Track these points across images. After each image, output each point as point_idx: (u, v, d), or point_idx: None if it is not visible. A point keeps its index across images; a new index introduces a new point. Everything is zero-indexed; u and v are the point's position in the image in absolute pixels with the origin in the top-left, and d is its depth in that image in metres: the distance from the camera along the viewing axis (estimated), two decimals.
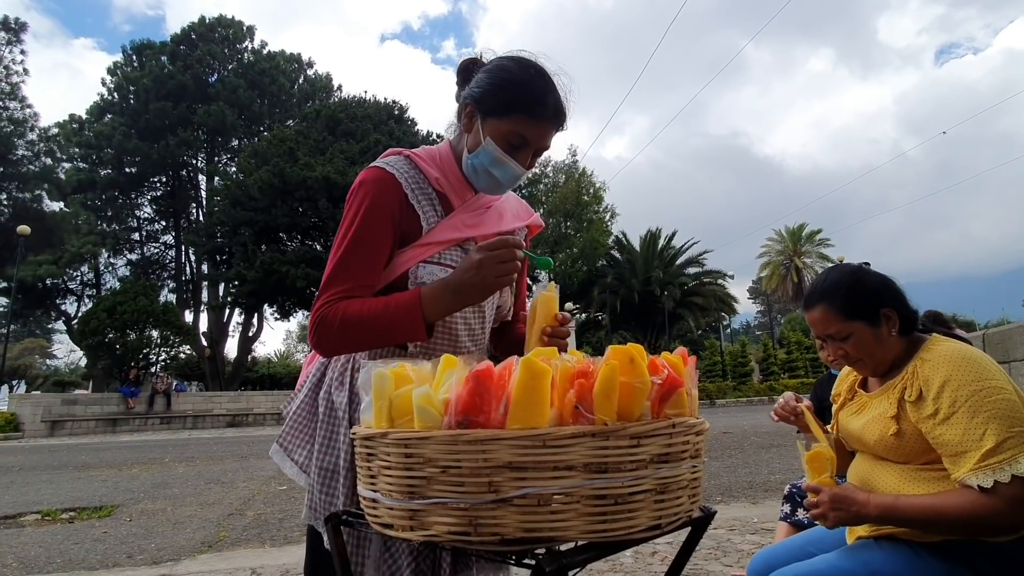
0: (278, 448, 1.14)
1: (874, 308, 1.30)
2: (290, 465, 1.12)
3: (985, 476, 1.10)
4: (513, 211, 1.24)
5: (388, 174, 1.08)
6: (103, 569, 3.25)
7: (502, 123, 1.04)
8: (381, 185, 1.07)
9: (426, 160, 1.13)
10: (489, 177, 1.08)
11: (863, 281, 1.34)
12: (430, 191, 1.12)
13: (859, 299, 1.31)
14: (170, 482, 6.22)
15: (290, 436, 1.13)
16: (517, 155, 1.06)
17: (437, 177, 1.12)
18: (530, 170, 1.11)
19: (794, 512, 2.33)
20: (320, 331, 1.00)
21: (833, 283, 1.35)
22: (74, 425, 15.59)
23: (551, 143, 1.10)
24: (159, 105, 26.35)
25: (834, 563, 1.31)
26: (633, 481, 0.70)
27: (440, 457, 0.69)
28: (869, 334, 1.30)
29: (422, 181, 1.11)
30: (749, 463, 6.25)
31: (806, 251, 39.07)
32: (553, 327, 1.04)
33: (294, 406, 1.15)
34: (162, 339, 20.36)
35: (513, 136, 1.05)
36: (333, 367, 1.11)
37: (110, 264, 29.50)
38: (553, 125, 1.08)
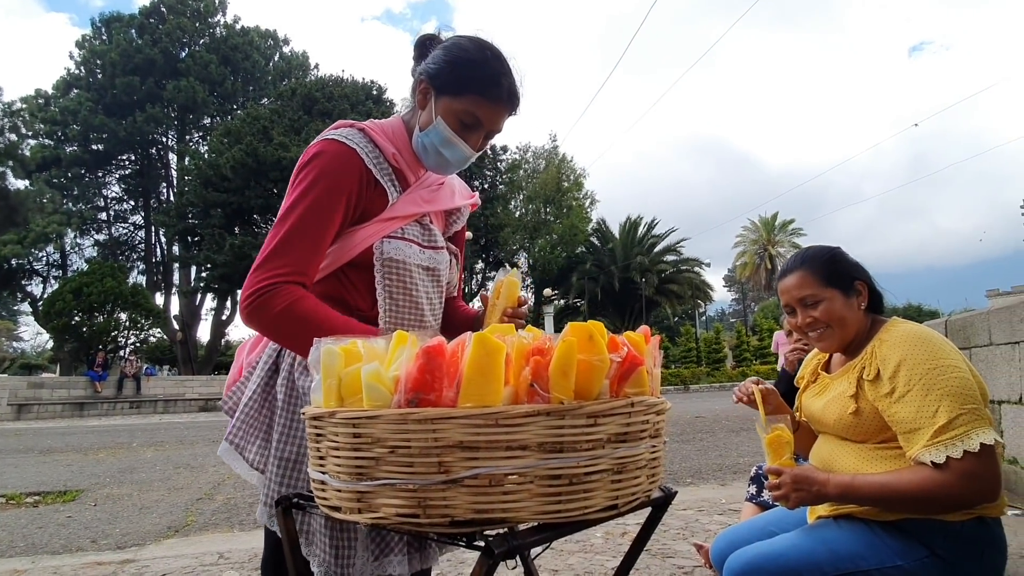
0: (228, 446, 1.05)
1: (850, 279, 1.36)
2: (240, 463, 1.04)
3: (938, 452, 1.12)
4: (460, 189, 1.24)
5: (349, 148, 1.03)
6: (67, 553, 3.17)
7: (456, 102, 1.03)
8: (340, 160, 1.02)
9: (380, 134, 1.09)
10: (438, 156, 1.07)
11: (842, 255, 1.42)
12: (388, 167, 1.08)
13: (838, 268, 1.37)
14: (137, 467, 6.09)
15: (242, 431, 1.04)
16: (469, 135, 1.05)
17: (393, 152, 1.09)
18: (480, 152, 1.10)
19: (760, 493, 2.37)
20: (260, 303, 0.94)
21: (815, 253, 1.42)
22: (40, 409, 15.17)
23: (503, 127, 1.09)
24: (126, 80, 25.38)
25: (794, 541, 1.33)
26: (589, 461, 0.68)
27: (389, 437, 0.67)
28: (841, 302, 1.34)
29: (380, 156, 1.08)
30: (719, 446, 6.38)
31: (780, 240, 39.81)
32: (514, 308, 1.05)
33: (243, 398, 1.07)
34: (131, 322, 19.83)
35: (466, 116, 1.04)
36: (291, 354, 1.04)
37: (77, 244, 28.55)
38: (507, 108, 1.07)
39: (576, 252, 30.16)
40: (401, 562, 0.98)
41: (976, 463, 1.10)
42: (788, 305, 1.43)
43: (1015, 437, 2.48)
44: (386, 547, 0.98)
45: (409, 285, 1.06)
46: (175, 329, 25.40)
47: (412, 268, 1.06)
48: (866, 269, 1.43)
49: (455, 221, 1.25)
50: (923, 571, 1.19)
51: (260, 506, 1.02)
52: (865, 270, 1.41)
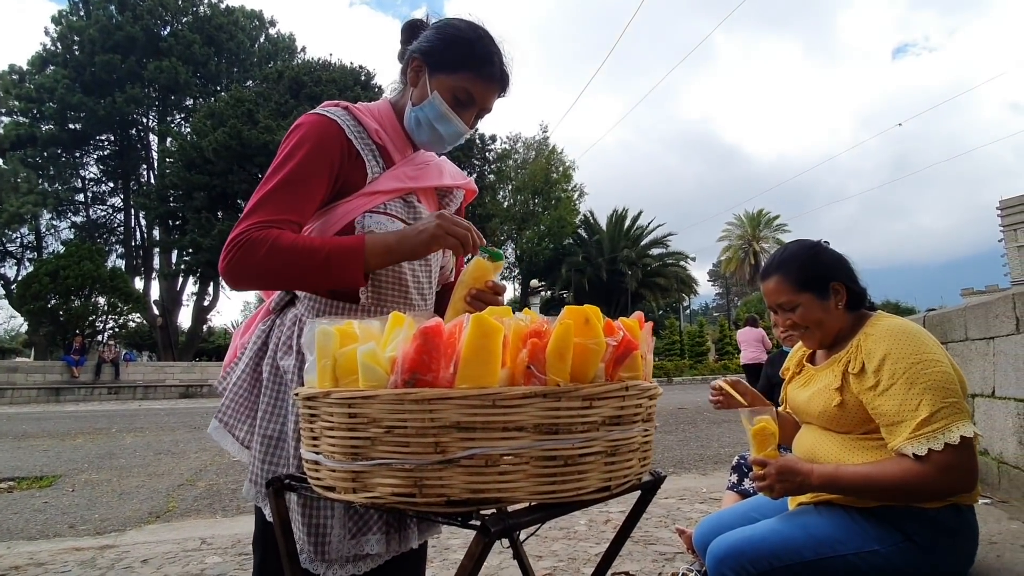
0: (218, 424, 1.07)
1: (824, 281, 1.36)
2: (231, 441, 1.06)
3: (920, 445, 1.14)
4: (451, 171, 1.24)
5: (331, 120, 1.05)
6: (43, 539, 3.13)
7: (450, 78, 1.06)
8: (322, 130, 1.03)
9: (364, 112, 1.11)
10: (432, 131, 1.09)
11: (818, 256, 1.41)
12: (370, 143, 1.09)
13: (811, 272, 1.37)
14: (117, 452, 6.01)
15: (231, 410, 1.07)
16: (462, 112, 1.08)
17: (376, 129, 1.10)
18: (472, 130, 1.12)
19: (740, 482, 2.42)
20: (239, 255, 0.92)
21: (791, 255, 1.42)
22: (15, 394, 14.85)
23: (493, 107, 1.12)
24: (106, 58, 24.65)
25: (775, 527, 1.36)
26: (584, 443, 0.69)
27: (385, 417, 0.67)
28: (817, 305, 1.35)
29: (362, 132, 1.09)
30: (701, 437, 6.48)
31: (764, 236, 40.26)
32: (480, 290, 1.02)
33: (233, 378, 1.08)
34: (109, 306, 19.44)
35: (460, 92, 1.06)
36: (278, 332, 1.06)
37: (52, 226, 27.79)
38: (498, 86, 1.10)
39: (564, 244, 30.22)
40: (379, 541, 0.97)
41: (955, 455, 1.13)
42: (770, 307, 1.46)
43: (987, 429, 2.56)
44: (364, 525, 0.97)
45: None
46: (155, 314, 24.96)
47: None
48: (848, 263, 1.42)
49: (448, 203, 1.24)
50: (899, 555, 1.22)
51: (247, 483, 1.02)
52: (845, 267, 1.41)
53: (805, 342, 1.46)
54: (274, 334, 1.06)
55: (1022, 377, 2.22)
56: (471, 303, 1.01)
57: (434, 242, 0.95)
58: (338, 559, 0.95)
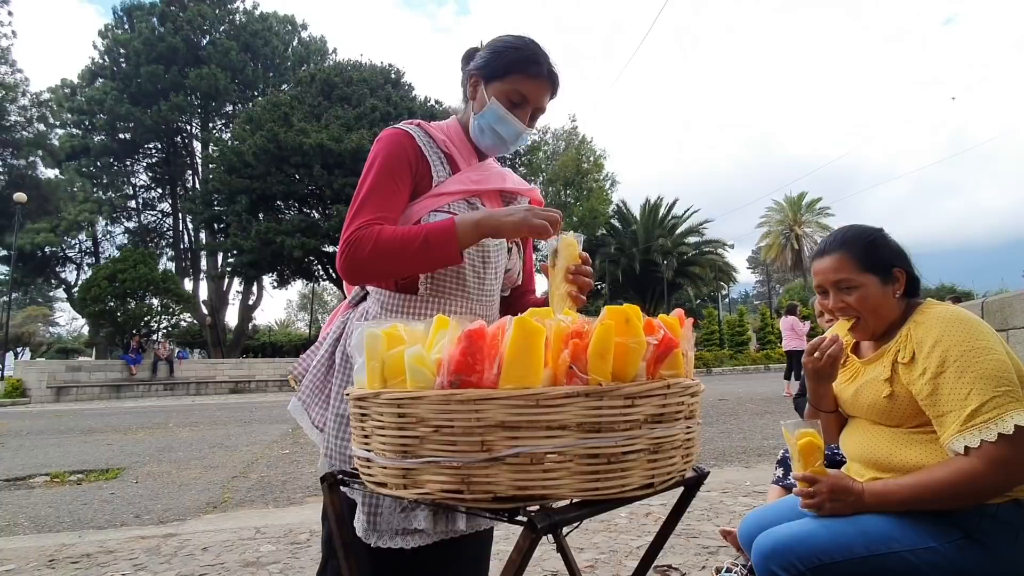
0: (298, 403, 1.20)
1: (888, 265, 1.33)
2: (306, 419, 1.19)
3: (972, 436, 1.10)
4: (515, 179, 1.32)
5: (404, 131, 1.19)
6: (111, 528, 3.33)
7: (503, 83, 1.17)
8: (397, 138, 1.18)
9: (434, 128, 1.24)
10: (494, 134, 1.19)
11: (883, 238, 1.38)
12: (439, 151, 1.21)
13: (877, 253, 1.34)
14: (174, 446, 6.33)
15: (309, 391, 1.19)
16: (518, 112, 1.18)
17: (444, 140, 1.22)
18: (531, 129, 1.21)
19: (786, 476, 2.37)
20: (351, 253, 1.05)
21: (856, 235, 1.38)
22: (79, 391, 15.78)
23: (547, 105, 1.22)
24: (150, 69, 25.73)
25: (824, 523, 1.32)
26: (626, 441, 0.70)
27: (433, 417, 0.69)
28: (878, 289, 1.31)
29: (432, 142, 1.21)
30: (743, 429, 6.35)
31: (806, 220, 38.84)
32: (577, 265, 1.09)
33: (313, 361, 1.21)
34: (162, 307, 20.41)
35: (513, 94, 1.17)
36: (351, 323, 1.18)
37: (108, 232, 29.35)
38: (548, 85, 1.20)
39: (597, 235, 29.91)
40: (427, 517, 1.03)
41: (1010, 447, 1.08)
42: (821, 286, 1.39)
43: None
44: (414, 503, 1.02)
45: None
46: (204, 314, 26.06)
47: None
48: (907, 254, 1.39)
49: None
50: (957, 553, 1.18)
51: (321, 458, 1.15)
52: (906, 255, 1.37)
53: (856, 332, 1.40)
54: (348, 325, 1.19)
55: None
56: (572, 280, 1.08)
57: (524, 224, 1.01)
58: (388, 531, 1.03)
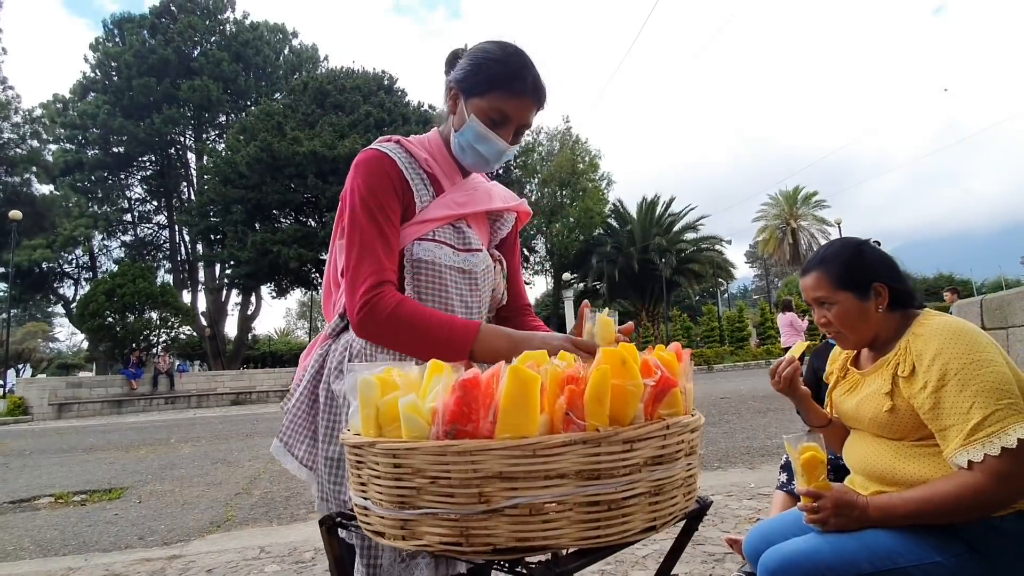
0: (279, 444, 1.15)
1: (866, 281, 1.32)
2: (291, 460, 1.13)
3: (975, 451, 1.09)
4: (502, 195, 1.26)
5: (382, 153, 1.12)
6: (116, 551, 3.32)
7: (483, 101, 1.09)
8: (380, 164, 1.10)
9: (414, 144, 1.17)
10: (475, 153, 1.13)
11: (862, 254, 1.36)
12: (421, 171, 1.15)
13: (854, 270, 1.33)
14: (177, 463, 6.31)
15: (290, 431, 1.14)
16: (499, 131, 1.11)
17: (426, 159, 1.15)
18: (515, 146, 1.14)
19: (790, 481, 2.36)
20: (366, 316, 1.02)
21: (834, 252, 1.38)
22: (80, 407, 15.75)
23: (532, 121, 1.15)
24: (142, 81, 25.73)
25: (830, 539, 1.31)
26: (627, 486, 0.69)
27: (429, 468, 0.68)
28: (855, 306, 1.32)
29: (414, 163, 1.14)
30: (746, 428, 6.34)
31: (802, 214, 38.88)
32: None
33: (293, 400, 1.15)
34: (161, 320, 20.39)
35: (494, 112, 1.09)
36: (331, 357, 1.11)
37: (104, 247, 29.33)
38: (532, 101, 1.11)
39: (594, 235, 29.93)
40: (428, 565, 1.01)
41: (1012, 460, 1.07)
42: (807, 301, 1.42)
43: None
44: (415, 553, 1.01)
45: (439, 286, 1.08)
46: (203, 325, 26.02)
47: (443, 269, 1.09)
48: (895, 263, 1.37)
49: (500, 227, 1.26)
50: (962, 567, 1.17)
51: (318, 500, 1.10)
52: (891, 267, 1.35)
53: (839, 343, 1.42)
54: (328, 359, 1.12)
55: None
56: None
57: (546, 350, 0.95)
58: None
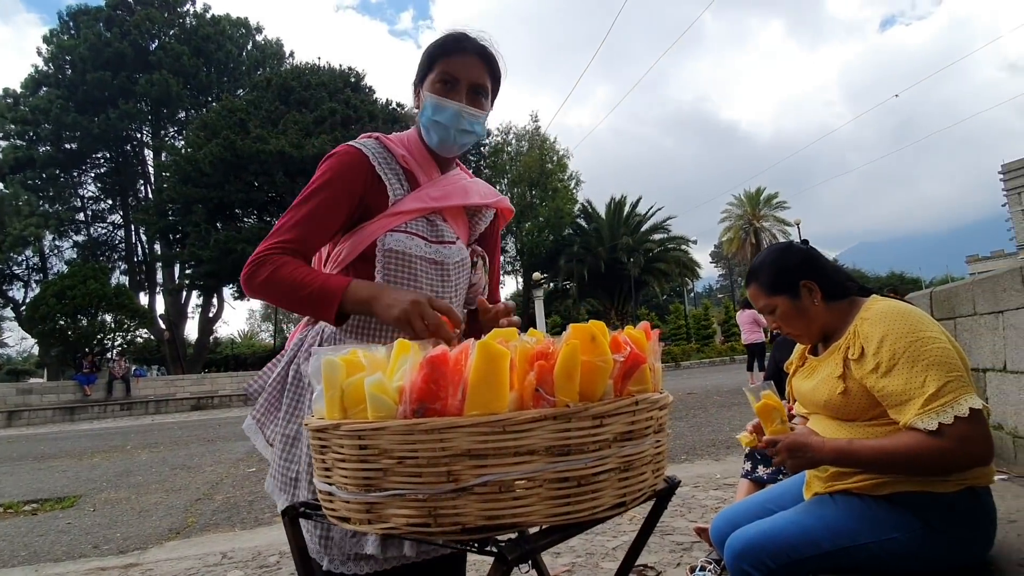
0: (251, 422, 1.15)
1: (794, 282, 1.39)
2: (260, 438, 1.14)
3: (930, 419, 1.14)
4: (480, 191, 1.26)
5: (356, 149, 1.13)
6: (69, 560, 3.17)
7: (432, 75, 1.13)
8: (348, 159, 1.12)
9: (394, 141, 1.18)
10: (437, 127, 1.13)
11: (787, 258, 1.44)
12: (397, 167, 1.16)
13: (779, 275, 1.41)
14: (133, 470, 6.06)
15: (263, 409, 1.14)
16: (451, 93, 1.12)
17: (403, 155, 1.16)
18: (476, 110, 1.13)
19: (755, 469, 2.42)
20: (250, 273, 1.04)
21: (760, 261, 1.47)
22: (31, 415, 14.99)
23: (488, 83, 1.15)
24: (97, 75, 24.65)
25: (792, 519, 1.36)
26: (596, 462, 0.69)
27: (396, 448, 0.66)
28: (790, 306, 1.39)
29: (389, 158, 1.15)
30: (712, 422, 6.48)
31: (764, 215, 40.05)
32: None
33: (269, 378, 1.15)
34: (116, 323, 19.52)
35: (441, 79, 1.12)
36: (307, 342, 1.12)
37: (56, 247, 27.92)
38: (478, 59, 1.13)
39: (563, 234, 30.12)
40: (375, 543, 0.98)
41: (968, 427, 1.12)
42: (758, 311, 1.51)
43: (1000, 404, 2.55)
44: None
45: (408, 275, 1.10)
46: (162, 329, 25.07)
47: (414, 260, 1.10)
48: (818, 258, 1.44)
49: (477, 223, 1.27)
50: (917, 542, 1.22)
51: (268, 477, 1.10)
52: (815, 263, 1.41)
53: (796, 340, 1.50)
54: (307, 340, 1.13)
55: None
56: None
57: (397, 324, 0.95)
58: (339, 555, 1.00)
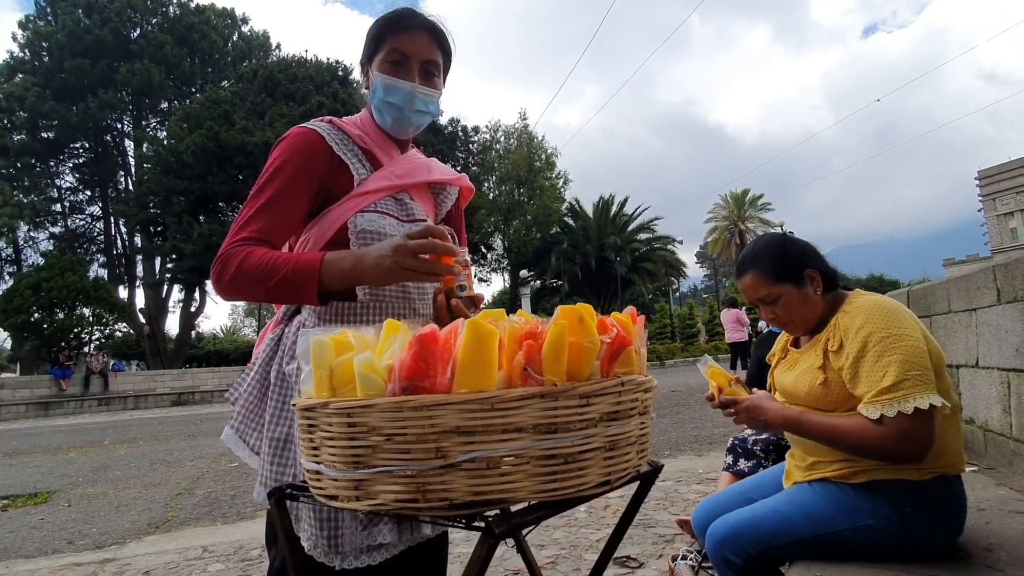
0: (231, 432, 1.10)
1: (799, 270, 1.40)
2: (243, 448, 1.09)
3: (875, 409, 1.19)
4: (441, 168, 1.25)
5: (311, 131, 1.09)
6: (42, 556, 3.10)
7: (379, 55, 1.10)
8: (304, 141, 1.07)
9: (348, 123, 1.15)
10: (390, 108, 1.10)
11: (788, 246, 1.44)
12: (356, 148, 1.13)
13: (785, 262, 1.40)
14: (111, 465, 5.95)
15: (243, 417, 1.09)
16: (402, 72, 1.09)
17: (359, 135, 1.13)
18: (429, 89, 1.11)
19: (736, 463, 2.46)
20: (218, 272, 0.99)
21: (761, 249, 1.45)
22: (3, 410, 14.63)
23: (439, 59, 1.13)
24: (76, 63, 24.05)
25: (771, 507, 1.39)
26: (583, 440, 0.70)
27: (385, 425, 0.67)
28: (796, 295, 1.39)
29: (347, 139, 1.12)
30: (695, 418, 6.56)
31: (749, 216, 40.57)
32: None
33: (244, 386, 1.10)
34: (95, 317, 19.13)
35: (390, 58, 1.08)
36: (285, 339, 1.08)
37: (30, 238, 27.22)
38: (426, 34, 1.09)
39: (551, 233, 30.20)
40: (392, 531, 0.98)
41: (910, 423, 1.17)
42: (750, 302, 1.49)
43: (972, 399, 2.62)
44: (374, 517, 0.98)
45: None
46: (142, 323, 24.62)
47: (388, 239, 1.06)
48: (815, 249, 1.46)
49: (443, 200, 1.26)
50: (890, 528, 1.26)
51: (257, 485, 1.05)
52: (814, 253, 1.44)
53: (790, 331, 1.51)
54: (283, 341, 1.08)
55: (1004, 347, 2.27)
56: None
57: (394, 277, 0.92)
58: (352, 551, 0.97)
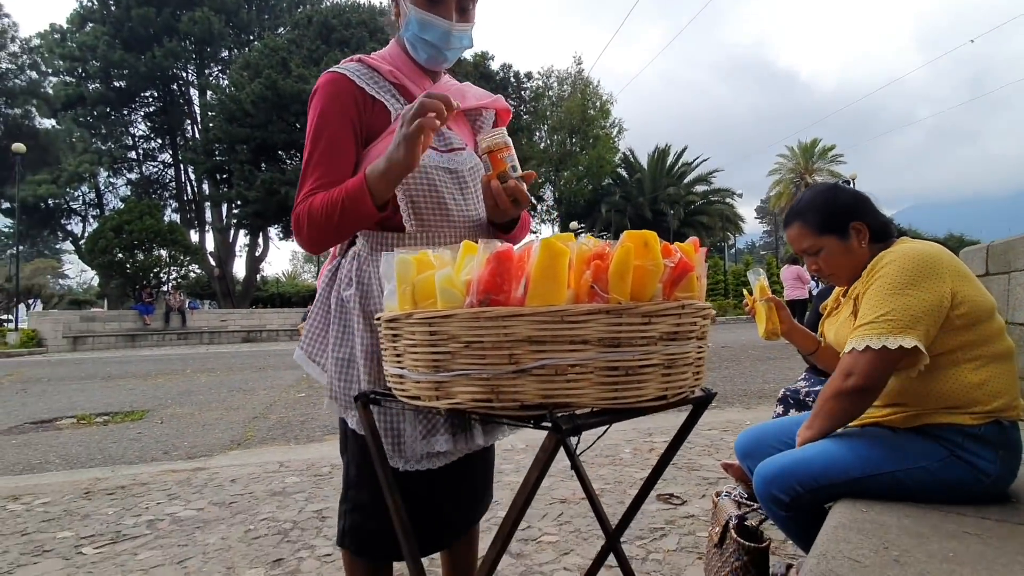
0: (301, 352, 1.21)
1: (844, 223, 1.38)
2: (312, 366, 1.20)
3: (855, 340, 1.23)
4: (476, 93, 1.26)
5: (340, 75, 1.12)
6: (142, 463, 3.52)
7: None
8: (335, 86, 1.11)
9: (377, 59, 1.17)
10: (425, 44, 1.12)
11: (835, 198, 1.41)
12: (387, 84, 1.15)
13: (830, 215, 1.39)
14: (194, 390, 6.56)
15: (309, 340, 1.20)
16: (438, 11, 1.09)
17: (391, 70, 1.15)
18: (466, 25, 1.12)
19: (786, 413, 2.46)
20: (296, 231, 1.08)
21: (808, 200, 1.44)
22: (95, 340, 16.17)
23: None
24: (141, 12, 24.82)
25: (822, 448, 1.41)
26: (643, 355, 0.75)
27: (463, 333, 0.75)
28: (839, 247, 1.38)
29: (378, 77, 1.14)
30: (745, 374, 6.50)
31: (818, 168, 38.02)
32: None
33: (312, 312, 1.22)
34: (171, 258, 20.57)
35: None
36: (342, 270, 1.16)
37: (110, 183, 29.15)
38: None
39: (603, 184, 29.51)
40: (447, 440, 1.08)
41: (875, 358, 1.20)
42: (796, 253, 1.51)
43: None
44: (432, 427, 1.09)
45: (428, 187, 1.11)
46: (212, 265, 26.24)
47: (431, 170, 1.11)
48: (867, 199, 1.42)
49: (481, 125, 1.28)
50: (944, 470, 1.27)
51: (327, 399, 1.16)
52: (864, 205, 1.40)
53: (833, 282, 1.50)
54: (340, 271, 1.17)
55: None
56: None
57: (409, 143, 0.92)
58: (412, 456, 1.09)
